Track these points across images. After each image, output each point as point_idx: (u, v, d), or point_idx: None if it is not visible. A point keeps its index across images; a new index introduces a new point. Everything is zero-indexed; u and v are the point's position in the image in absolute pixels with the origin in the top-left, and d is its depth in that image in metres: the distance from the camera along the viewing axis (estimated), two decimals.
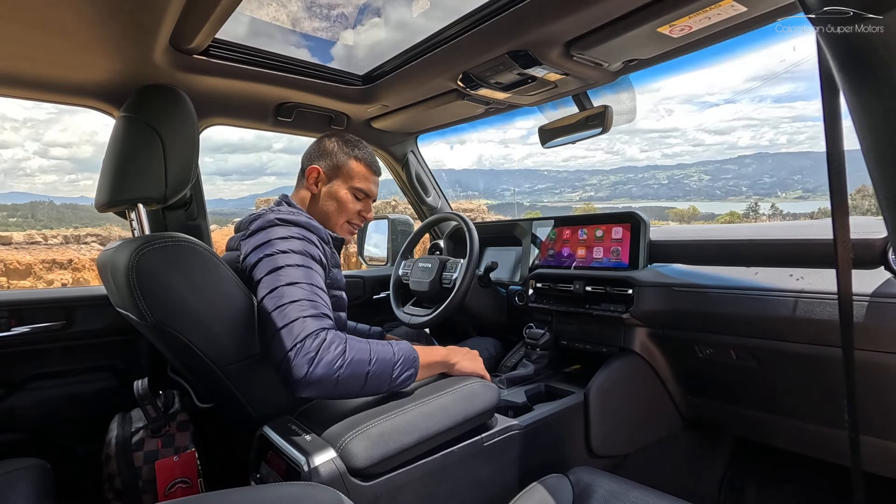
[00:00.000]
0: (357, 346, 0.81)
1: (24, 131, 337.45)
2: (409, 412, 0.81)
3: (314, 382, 0.75)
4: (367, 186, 1.13)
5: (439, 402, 0.86)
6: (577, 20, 0.93)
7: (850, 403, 0.56)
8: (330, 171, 1.11)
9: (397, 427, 0.78)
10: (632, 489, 0.80)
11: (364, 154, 1.14)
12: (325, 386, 0.76)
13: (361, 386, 0.80)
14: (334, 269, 1.05)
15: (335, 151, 1.11)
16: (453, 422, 0.84)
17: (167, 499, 0.98)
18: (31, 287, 14.90)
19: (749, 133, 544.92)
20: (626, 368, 1.20)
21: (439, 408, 0.85)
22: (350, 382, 0.78)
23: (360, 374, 0.79)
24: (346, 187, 1.11)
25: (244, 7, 0.88)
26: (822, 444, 1.07)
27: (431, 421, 0.82)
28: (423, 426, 0.81)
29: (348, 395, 0.82)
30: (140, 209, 0.99)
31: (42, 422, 1.26)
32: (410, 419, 0.80)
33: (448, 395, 0.88)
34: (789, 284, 0.93)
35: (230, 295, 0.86)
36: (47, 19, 0.83)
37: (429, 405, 0.84)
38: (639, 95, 1.34)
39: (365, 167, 1.13)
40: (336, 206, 1.11)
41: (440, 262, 1.50)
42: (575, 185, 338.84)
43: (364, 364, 0.79)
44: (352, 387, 0.79)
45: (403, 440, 0.78)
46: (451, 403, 0.86)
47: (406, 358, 0.86)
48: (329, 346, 0.77)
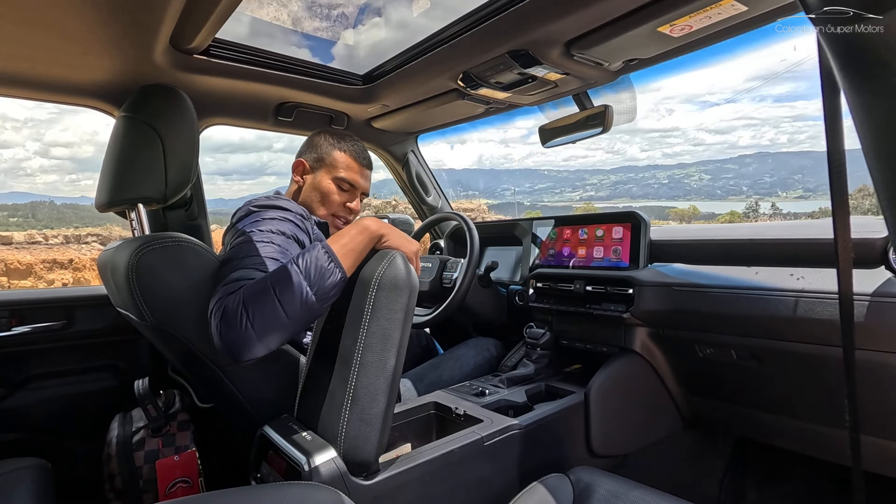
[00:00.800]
0: (253, 284, 0.72)
1: (25, 131, 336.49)
2: (357, 383, 0.74)
3: (233, 343, 0.69)
4: (352, 176, 1.12)
5: (368, 360, 0.75)
6: (578, 20, 0.93)
7: (850, 403, 0.56)
8: (314, 162, 1.12)
9: (362, 402, 0.73)
10: (632, 489, 0.80)
11: (350, 145, 1.14)
12: (246, 340, 0.69)
13: (284, 316, 0.71)
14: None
15: (321, 144, 1.13)
16: (393, 361, 0.76)
17: (168, 498, 0.98)
18: (32, 287, 14.90)
19: (750, 132, 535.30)
20: (626, 368, 1.20)
21: (372, 364, 0.75)
22: (267, 322, 0.70)
23: (269, 306, 0.70)
24: (330, 177, 1.11)
25: (244, 7, 0.88)
26: (822, 444, 1.07)
27: (379, 377, 0.75)
28: (377, 388, 0.74)
29: (279, 332, 0.72)
30: (140, 209, 0.99)
31: (42, 422, 1.26)
32: (364, 388, 0.74)
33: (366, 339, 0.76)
34: (790, 284, 0.93)
35: None
36: (47, 19, 0.83)
37: (364, 368, 0.75)
38: (639, 95, 1.34)
39: (349, 157, 1.12)
40: (319, 197, 1.11)
41: (440, 262, 1.50)
42: (575, 185, 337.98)
43: (266, 297, 0.70)
44: (273, 324, 0.70)
45: (378, 408, 0.73)
46: (377, 353, 0.75)
47: (319, 268, 0.74)
48: (224, 302, 0.71)
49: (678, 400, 1.27)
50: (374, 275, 0.76)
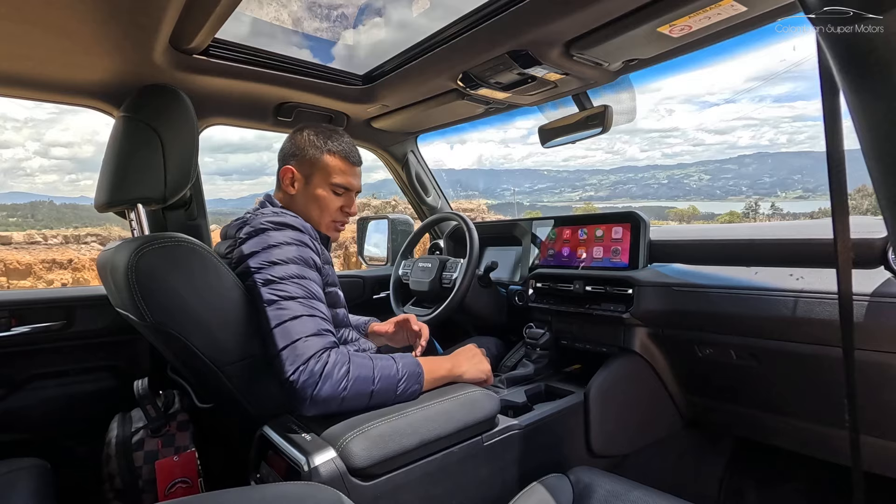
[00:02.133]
0: (361, 364, 0.82)
1: (25, 131, 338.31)
2: (410, 415, 0.81)
3: (320, 402, 0.77)
4: (346, 180, 1.06)
5: (441, 407, 0.86)
6: (577, 20, 0.93)
7: (850, 403, 0.56)
8: (305, 170, 1.04)
9: (397, 429, 0.78)
10: (632, 489, 0.80)
11: (339, 145, 1.06)
12: (329, 405, 0.79)
13: (366, 403, 0.82)
14: (327, 266, 1.01)
15: (306, 147, 1.04)
16: (454, 427, 0.85)
17: (167, 499, 0.98)
18: (31, 287, 14.90)
19: (749, 133, 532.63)
20: (626, 368, 1.20)
21: (441, 412, 0.85)
22: (354, 400, 0.80)
23: (364, 392, 0.80)
24: (325, 185, 1.05)
25: (244, 7, 0.88)
26: (822, 444, 1.07)
27: (432, 425, 0.82)
28: (424, 429, 0.81)
29: (353, 411, 0.82)
30: (139, 209, 0.99)
31: (42, 422, 1.26)
32: (411, 422, 0.80)
33: (449, 401, 0.88)
34: (789, 284, 0.93)
35: (229, 295, 0.86)
36: (47, 19, 0.83)
37: (430, 409, 0.84)
38: (639, 95, 1.34)
39: (341, 160, 1.05)
40: (317, 207, 1.05)
41: (440, 262, 1.50)
42: (575, 185, 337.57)
43: (368, 382, 0.81)
44: (356, 404, 0.81)
45: (404, 442, 0.78)
46: (451, 409, 0.86)
47: (410, 373, 0.86)
48: (333, 367, 0.78)
49: (678, 400, 1.27)
50: None
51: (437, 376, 0.93)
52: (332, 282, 1.04)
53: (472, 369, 0.99)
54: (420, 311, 1.48)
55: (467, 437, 0.88)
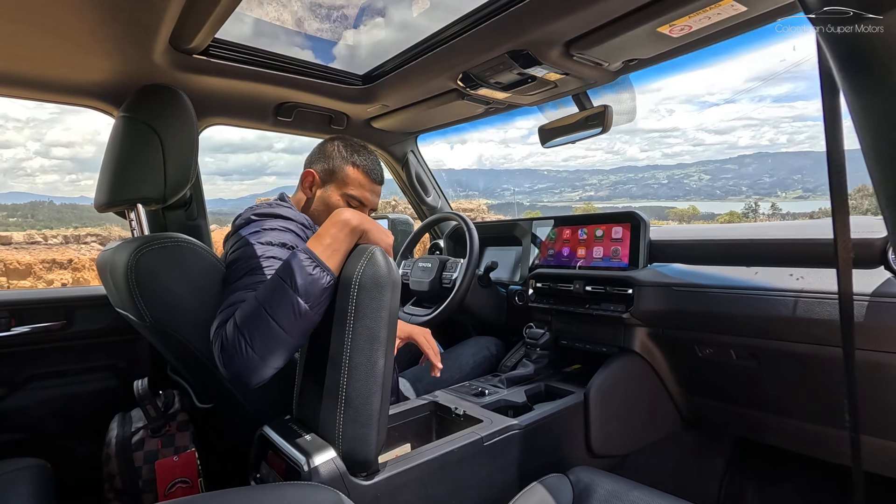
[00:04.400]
0: (243, 308, 0.71)
1: (26, 131, 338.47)
2: (349, 387, 0.73)
3: (238, 371, 0.69)
4: (362, 194, 1.08)
5: (356, 362, 0.74)
6: (577, 20, 0.93)
7: (850, 403, 0.56)
8: (325, 176, 1.07)
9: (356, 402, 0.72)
10: (632, 489, 0.80)
11: (363, 160, 1.09)
12: (250, 366, 0.69)
13: (284, 335, 0.70)
14: None
15: (333, 155, 1.08)
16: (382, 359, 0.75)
17: (167, 499, 0.98)
18: (31, 287, 14.90)
19: (749, 133, 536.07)
20: (626, 368, 1.20)
21: (359, 365, 0.73)
22: (266, 343, 0.69)
23: (264, 328, 0.69)
24: (339, 193, 1.07)
25: (244, 7, 0.88)
26: (822, 444, 1.07)
27: (370, 379, 0.73)
28: (369, 389, 0.73)
29: (282, 350, 0.72)
30: (139, 209, 0.99)
31: (42, 422, 1.26)
32: (355, 391, 0.73)
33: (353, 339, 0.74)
34: (789, 284, 0.93)
35: None
36: (47, 19, 0.83)
37: (354, 370, 0.73)
38: (639, 95, 1.34)
39: (362, 174, 1.08)
40: (328, 214, 1.04)
41: (440, 262, 1.50)
42: (575, 185, 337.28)
43: (259, 317, 0.69)
44: (274, 344, 0.70)
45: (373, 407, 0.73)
46: (365, 353, 0.74)
47: (303, 273, 0.71)
48: (221, 332, 0.70)
49: (678, 400, 1.27)
50: (354, 274, 0.73)
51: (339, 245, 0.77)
52: None
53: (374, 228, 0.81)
54: (420, 311, 1.48)
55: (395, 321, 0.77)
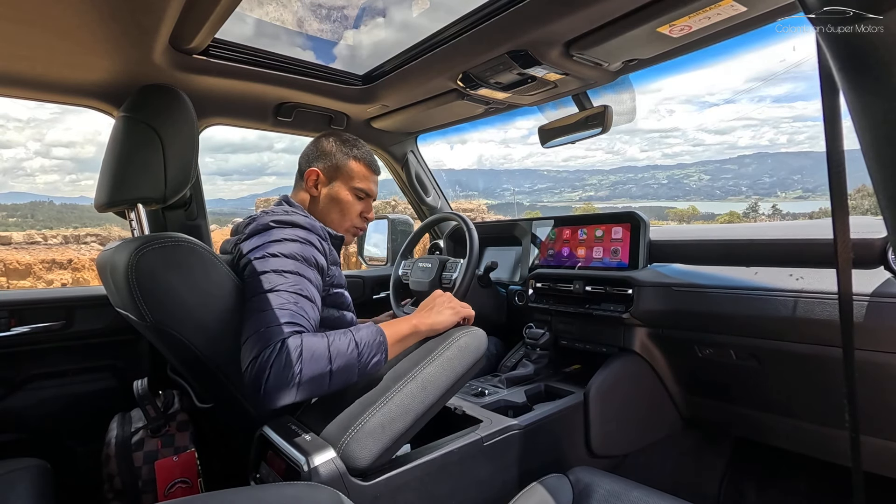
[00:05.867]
0: (313, 345, 0.76)
1: (27, 131, 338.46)
2: (397, 395, 0.79)
3: (273, 394, 0.72)
4: (368, 186, 1.13)
5: (425, 374, 0.82)
6: (577, 20, 0.93)
7: (850, 403, 0.56)
8: (329, 173, 1.09)
9: (389, 414, 0.77)
10: (632, 489, 0.80)
11: (363, 153, 1.13)
12: (284, 395, 0.73)
13: (327, 385, 0.76)
14: (333, 267, 1.02)
15: (333, 152, 1.10)
16: (444, 387, 0.82)
17: (167, 499, 0.98)
18: (31, 287, 14.90)
19: (749, 133, 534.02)
20: (626, 368, 1.20)
21: (427, 380, 0.82)
22: (313, 384, 0.74)
23: (321, 373, 0.75)
24: (347, 188, 1.10)
25: (244, 7, 0.88)
26: (822, 444, 1.07)
27: (422, 395, 0.80)
28: (414, 405, 0.79)
29: (317, 394, 0.78)
30: (139, 209, 0.99)
31: (42, 422, 1.26)
32: (400, 402, 0.78)
33: (432, 363, 0.84)
34: (789, 284, 0.93)
35: (230, 295, 0.86)
36: (47, 19, 0.83)
37: (415, 381, 0.81)
38: (639, 95, 1.34)
39: (365, 166, 1.12)
40: (339, 209, 1.09)
41: (440, 262, 1.50)
42: (575, 185, 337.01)
43: (324, 363, 0.75)
44: (316, 388, 0.75)
45: (398, 426, 0.76)
46: (437, 371, 0.83)
47: (370, 343, 0.81)
48: (284, 355, 0.73)
49: (677, 400, 1.27)
50: (459, 335, 0.90)
51: (401, 337, 0.87)
52: (340, 283, 1.04)
53: (442, 316, 0.91)
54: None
55: (462, 386, 0.87)
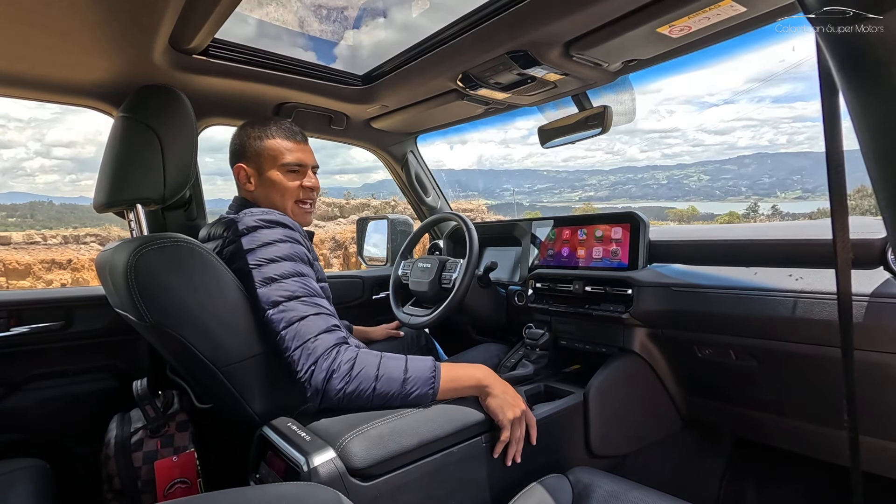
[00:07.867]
0: (365, 360, 0.83)
1: (28, 131, 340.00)
2: (409, 416, 0.82)
3: (329, 397, 0.81)
4: (296, 157, 1.08)
5: (440, 408, 0.86)
6: (577, 20, 0.93)
7: (849, 403, 0.56)
8: (254, 163, 1.07)
9: (396, 429, 0.78)
10: (631, 489, 0.80)
11: (278, 129, 1.08)
12: (335, 399, 0.81)
13: (370, 401, 0.82)
14: (316, 262, 1.04)
15: (248, 142, 1.07)
16: (454, 427, 0.85)
17: (166, 499, 0.98)
18: (31, 287, 14.89)
19: (749, 133, 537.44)
20: (625, 369, 1.20)
21: (440, 412, 0.85)
22: (357, 396, 0.81)
23: (365, 388, 0.81)
24: (276, 168, 1.06)
25: (244, 7, 0.88)
26: (821, 444, 1.07)
27: (432, 425, 0.82)
28: (423, 430, 0.81)
29: (357, 407, 0.83)
30: (139, 209, 0.99)
31: (42, 422, 1.25)
32: (410, 422, 0.81)
33: (449, 401, 0.88)
34: (789, 284, 0.93)
35: (229, 295, 0.86)
36: (47, 19, 0.83)
37: (429, 410, 0.84)
38: (639, 96, 1.34)
39: (284, 139, 1.07)
40: (277, 193, 1.07)
41: (440, 263, 1.50)
42: (574, 186, 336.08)
43: (370, 380, 0.82)
44: (359, 401, 0.82)
45: (403, 442, 0.78)
46: (451, 408, 0.87)
47: (419, 377, 0.84)
48: (341, 363, 0.81)
49: (677, 400, 1.27)
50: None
51: (460, 384, 0.89)
52: (321, 277, 1.06)
53: (507, 397, 0.91)
54: (419, 312, 1.48)
55: (467, 437, 0.88)
